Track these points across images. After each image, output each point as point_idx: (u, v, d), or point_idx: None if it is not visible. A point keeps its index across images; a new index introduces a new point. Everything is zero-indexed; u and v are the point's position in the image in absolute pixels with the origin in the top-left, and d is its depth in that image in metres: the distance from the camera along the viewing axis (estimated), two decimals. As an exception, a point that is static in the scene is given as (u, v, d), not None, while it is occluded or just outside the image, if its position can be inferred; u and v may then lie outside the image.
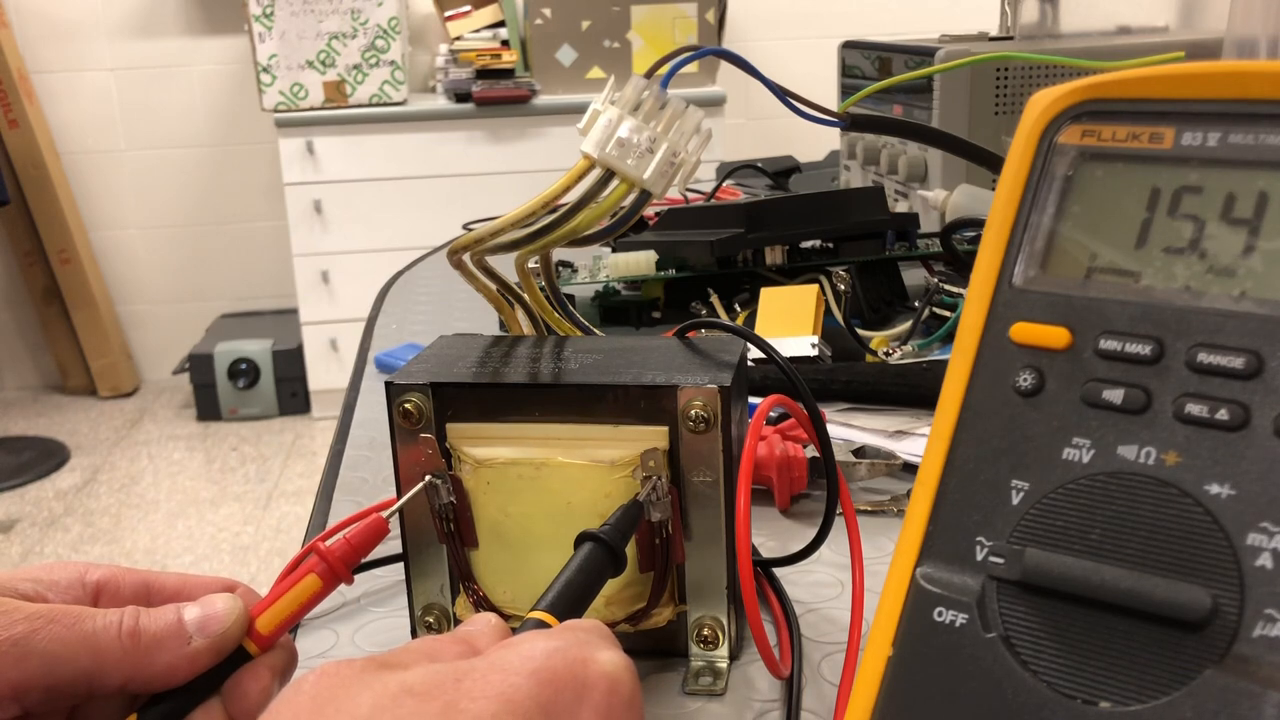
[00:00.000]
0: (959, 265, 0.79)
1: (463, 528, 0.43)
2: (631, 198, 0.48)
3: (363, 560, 0.39)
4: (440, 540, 0.44)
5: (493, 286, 0.52)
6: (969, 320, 0.33)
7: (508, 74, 2.86)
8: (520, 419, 0.42)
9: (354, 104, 2.82)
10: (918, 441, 0.60)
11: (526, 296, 0.53)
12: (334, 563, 0.38)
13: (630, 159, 0.47)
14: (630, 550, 0.41)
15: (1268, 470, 0.27)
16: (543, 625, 0.34)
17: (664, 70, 0.48)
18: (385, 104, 2.84)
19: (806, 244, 0.82)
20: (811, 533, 0.46)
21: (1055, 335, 0.31)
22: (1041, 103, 0.34)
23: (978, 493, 0.31)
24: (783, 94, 0.54)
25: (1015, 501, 0.31)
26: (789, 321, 0.71)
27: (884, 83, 1.00)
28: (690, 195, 1.19)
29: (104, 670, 0.34)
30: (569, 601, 0.36)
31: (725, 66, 2.83)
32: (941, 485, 0.32)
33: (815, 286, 0.73)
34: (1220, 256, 0.30)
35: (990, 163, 0.67)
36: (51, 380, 3.45)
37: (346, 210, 2.85)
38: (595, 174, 0.47)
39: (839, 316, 0.74)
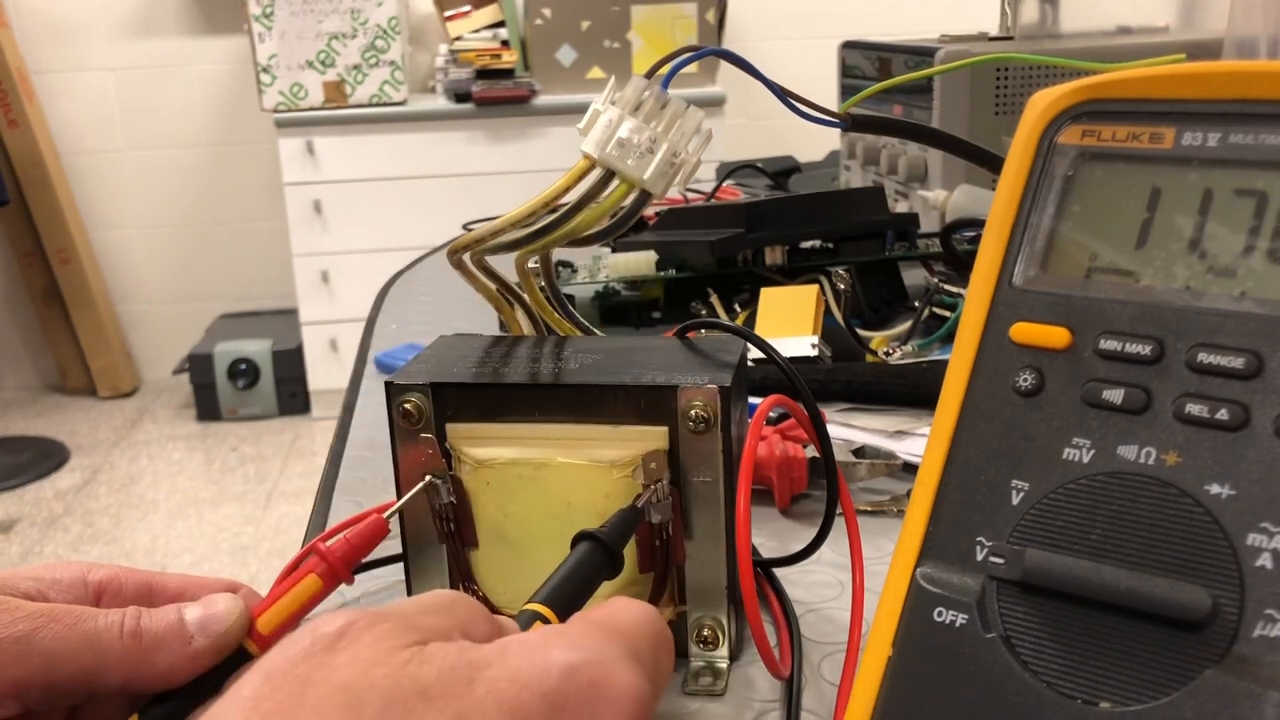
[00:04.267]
0: (959, 265, 0.79)
1: (462, 528, 0.43)
2: (631, 198, 0.48)
3: (363, 560, 0.39)
4: (440, 540, 0.44)
5: (493, 286, 0.52)
6: (969, 320, 0.33)
7: (508, 74, 2.86)
8: (520, 419, 0.42)
9: (354, 104, 2.82)
10: (918, 441, 0.60)
11: (526, 296, 0.53)
12: (334, 563, 0.38)
13: (630, 159, 0.47)
14: (630, 550, 0.41)
15: (1268, 470, 0.27)
16: (542, 619, 0.33)
17: (665, 70, 0.48)
18: (385, 104, 2.84)
19: (806, 244, 0.82)
20: (811, 533, 0.46)
21: (1055, 335, 0.31)
22: (1041, 103, 0.34)
23: (978, 493, 0.31)
24: (783, 94, 0.54)
25: (1015, 501, 0.31)
26: (789, 321, 0.71)
27: (885, 83, 1.00)
28: (690, 195, 1.19)
29: (105, 669, 0.34)
30: (567, 596, 0.35)
31: (725, 66, 2.83)
32: (941, 485, 0.32)
33: (815, 286, 0.73)
34: (1220, 256, 0.30)
35: (990, 163, 0.67)
36: (51, 380, 3.45)
37: (346, 210, 2.85)
38: (595, 174, 0.47)
39: (839, 316, 0.74)
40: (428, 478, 0.42)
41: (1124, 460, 0.29)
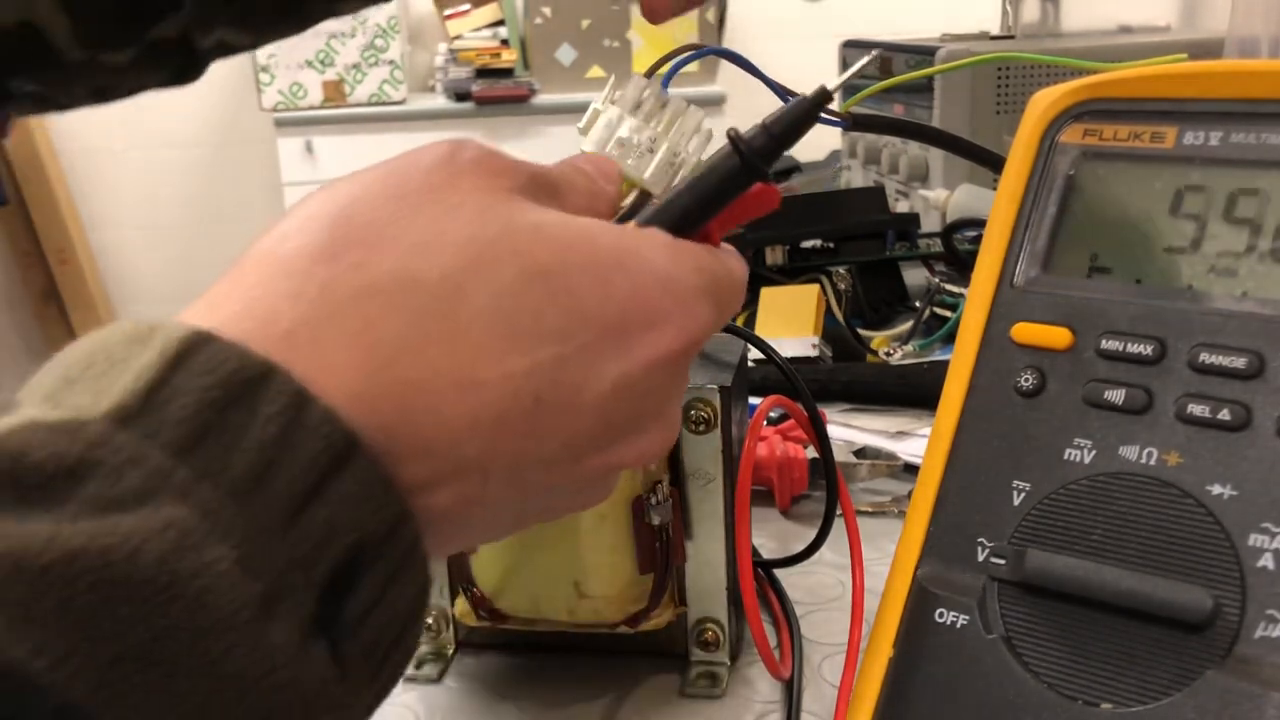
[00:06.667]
0: (960, 265, 0.79)
1: (462, 528, 0.43)
2: (631, 198, 0.48)
3: None
4: (440, 541, 0.43)
5: (492, 286, 0.52)
6: (970, 320, 0.33)
7: (507, 73, 2.86)
8: (520, 419, 0.42)
9: (353, 103, 2.82)
10: (919, 442, 0.60)
11: (526, 296, 0.53)
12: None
13: (631, 159, 0.47)
14: (630, 551, 0.41)
15: (1269, 470, 0.27)
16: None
17: (665, 70, 0.48)
18: (384, 103, 2.84)
19: (807, 244, 0.82)
20: (812, 534, 0.46)
21: (1057, 335, 0.31)
22: (1043, 102, 0.34)
23: (979, 493, 0.31)
24: (783, 94, 0.54)
25: (1016, 502, 0.30)
26: (789, 321, 0.71)
27: (886, 83, 1.00)
28: (690, 195, 1.19)
29: None
30: (681, 213, 0.34)
31: (725, 66, 2.82)
32: (943, 486, 0.32)
33: (816, 286, 0.73)
34: (1221, 256, 0.30)
35: (991, 162, 0.66)
36: (51, 380, 3.45)
37: (346, 210, 2.85)
38: (595, 174, 0.47)
39: (839, 316, 0.74)
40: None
41: (1125, 461, 0.29)
